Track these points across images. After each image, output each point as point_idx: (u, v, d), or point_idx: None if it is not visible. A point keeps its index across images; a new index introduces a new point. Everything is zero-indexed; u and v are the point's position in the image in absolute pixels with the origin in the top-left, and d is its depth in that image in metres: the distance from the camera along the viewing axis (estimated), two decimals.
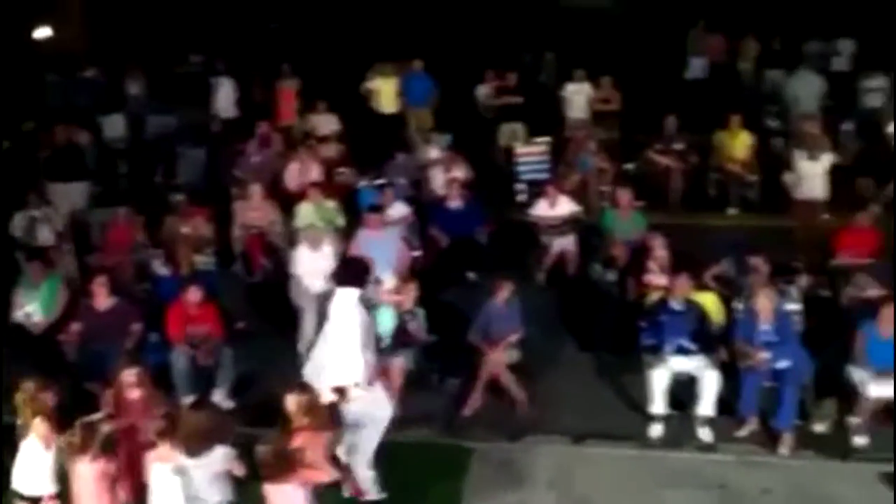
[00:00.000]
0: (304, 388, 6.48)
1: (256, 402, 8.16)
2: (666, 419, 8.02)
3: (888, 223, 10.46)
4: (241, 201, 11.33)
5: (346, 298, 6.98)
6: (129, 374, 7.04)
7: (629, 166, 13.27)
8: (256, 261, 11.02)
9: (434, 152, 12.69)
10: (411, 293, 8.59)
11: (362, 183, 12.05)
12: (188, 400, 8.28)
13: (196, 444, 6.07)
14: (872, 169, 12.03)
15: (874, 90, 14.07)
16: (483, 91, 14.76)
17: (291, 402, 6.31)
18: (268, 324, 9.81)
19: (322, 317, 7.27)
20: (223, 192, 12.42)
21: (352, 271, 7.27)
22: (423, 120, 14.47)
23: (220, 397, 8.46)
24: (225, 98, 14.98)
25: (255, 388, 8.69)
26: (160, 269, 10.04)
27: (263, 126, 13.31)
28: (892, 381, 7.73)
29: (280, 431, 6.25)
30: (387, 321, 8.38)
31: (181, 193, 11.38)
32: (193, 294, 8.63)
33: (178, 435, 6.07)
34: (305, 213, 10.80)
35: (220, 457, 6.09)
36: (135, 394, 7.01)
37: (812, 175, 11.24)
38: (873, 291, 8.86)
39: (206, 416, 6.24)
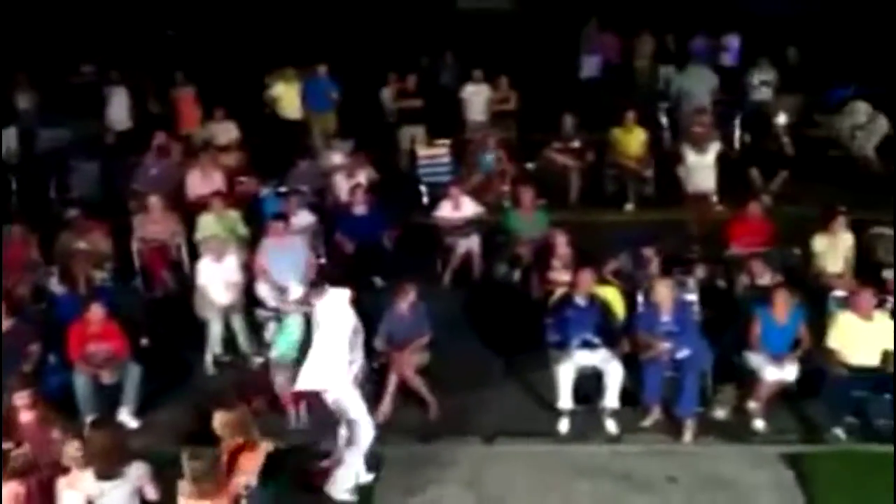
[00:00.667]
0: (232, 404, 6.41)
1: (164, 420, 8.04)
2: (573, 413, 8.18)
3: (778, 213, 10.87)
4: (141, 214, 11.11)
5: (340, 298, 7.11)
6: (22, 397, 6.87)
7: (529, 166, 13.46)
8: (157, 275, 10.82)
9: (337, 158, 12.65)
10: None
11: (265, 191, 11.94)
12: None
13: (105, 465, 5.96)
14: (761, 161, 12.43)
15: (762, 84, 14.54)
16: (386, 94, 14.77)
17: (220, 419, 6.22)
18: (172, 339, 9.65)
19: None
20: (120, 205, 12.17)
21: (341, 271, 7.29)
22: (327, 125, 14.40)
23: (125, 416, 8.30)
24: (119, 109, 14.65)
25: (162, 406, 8.56)
26: (56, 287, 9.78)
27: (161, 136, 13.05)
28: (787, 365, 8.05)
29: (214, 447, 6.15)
30: (294, 331, 8.33)
31: (76, 208, 11.09)
32: (95, 312, 8.45)
33: (85, 458, 5.95)
34: (207, 223, 10.66)
35: (134, 475, 5.99)
36: (28, 416, 6.83)
37: (700, 167, 11.58)
38: (766, 279, 9.16)
39: (109, 435, 6.13)
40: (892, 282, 9.39)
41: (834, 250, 9.68)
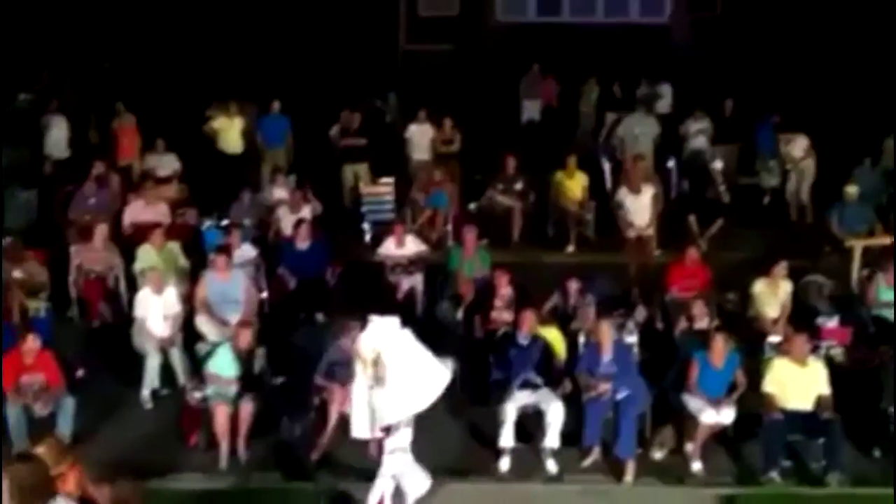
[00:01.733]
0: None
1: (98, 454, 7.85)
2: (514, 452, 8.20)
3: (714, 259, 11.12)
4: (79, 244, 10.94)
5: (392, 327, 7.05)
6: None
7: (472, 206, 13.59)
8: (94, 306, 10.63)
9: (280, 192, 12.62)
10: (247, 334, 8.46)
11: (206, 223, 11.85)
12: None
13: (29, 500, 5.77)
14: (698, 207, 12.72)
15: (699, 132, 14.90)
16: (336, 132, 14.81)
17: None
18: (107, 371, 9.46)
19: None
20: (56, 234, 11.96)
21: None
22: (278, 161, 14.36)
23: None
24: (58, 137, 14.45)
25: (97, 440, 8.37)
26: None
27: (100, 166, 12.90)
28: (724, 408, 8.19)
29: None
30: (227, 363, 8.25)
31: (11, 236, 10.86)
32: (30, 342, 8.26)
33: (9, 492, 5.76)
34: (147, 255, 10.53)
35: None
36: None
37: (637, 209, 11.81)
38: (705, 323, 9.34)
39: (34, 469, 5.93)
40: (825, 328, 9.69)
41: (773, 296, 9.91)
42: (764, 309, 9.86)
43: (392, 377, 6.90)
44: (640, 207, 11.82)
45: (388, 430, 7.06)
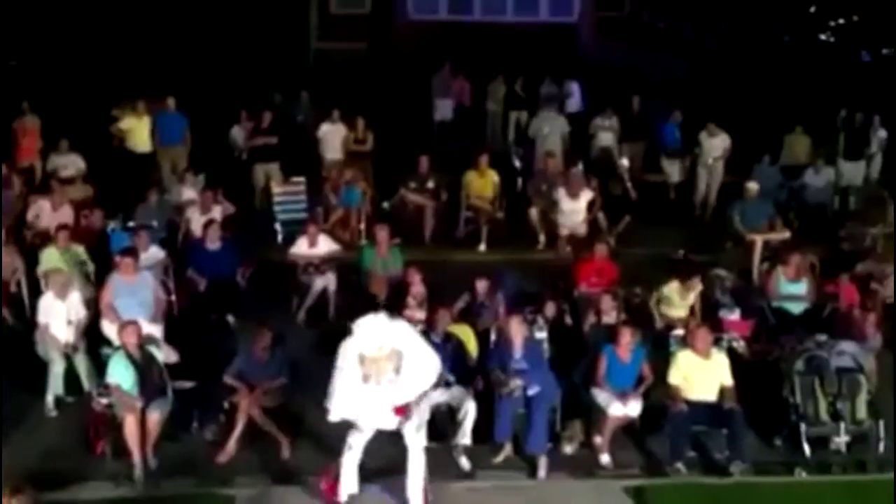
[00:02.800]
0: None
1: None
2: (427, 450, 8.21)
3: (621, 255, 11.35)
4: None
5: (386, 321, 7.16)
6: None
7: (385, 205, 13.60)
8: None
9: (189, 193, 12.43)
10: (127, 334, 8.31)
11: (112, 225, 11.60)
12: None
13: None
14: (606, 204, 12.94)
15: (606, 129, 15.17)
16: (237, 131, 14.63)
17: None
18: (10, 378, 9.18)
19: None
20: None
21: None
22: (177, 160, 14.14)
23: None
24: None
25: None
26: None
27: (2, 167, 12.53)
28: (631, 401, 8.37)
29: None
30: (123, 370, 8.11)
31: None
32: None
33: None
34: (51, 257, 10.28)
35: None
36: None
37: (573, 212, 12.06)
38: (612, 317, 9.52)
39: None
40: (727, 321, 9.96)
41: (684, 297, 10.08)
42: (672, 307, 10.08)
43: (407, 363, 7.13)
44: (575, 210, 12.19)
45: (404, 412, 7.18)
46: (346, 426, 7.54)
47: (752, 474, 8.14)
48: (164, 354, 8.61)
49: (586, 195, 12.49)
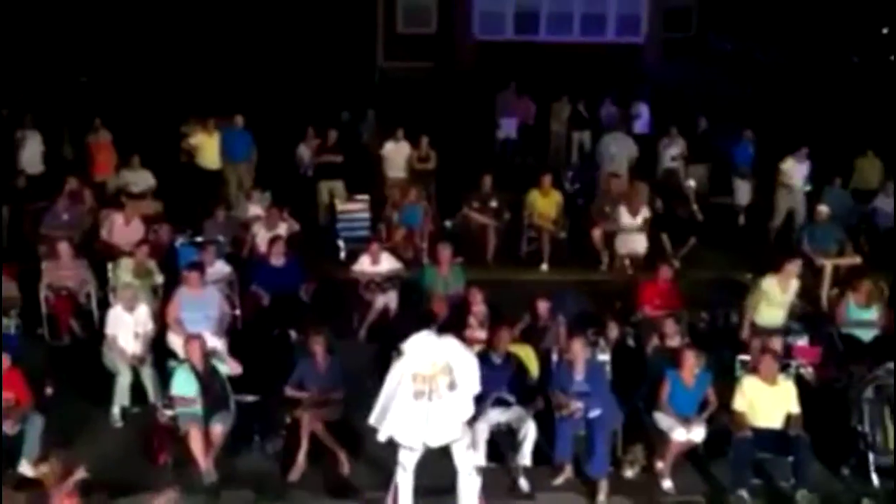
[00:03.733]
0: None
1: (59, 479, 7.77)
2: (486, 470, 8.18)
3: (685, 278, 11.20)
4: (50, 260, 10.86)
5: (457, 343, 7.26)
6: None
7: (447, 223, 13.63)
8: (64, 323, 10.55)
9: (255, 209, 12.60)
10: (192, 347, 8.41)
11: (180, 240, 11.81)
12: None
13: None
14: (671, 226, 12.81)
15: (673, 151, 15.01)
16: (303, 149, 14.81)
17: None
18: (77, 389, 9.39)
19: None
20: (28, 250, 11.89)
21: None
22: (243, 176, 14.35)
23: (25, 468, 8.01)
24: (32, 153, 14.38)
25: (64, 459, 8.25)
26: None
27: (73, 182, 12.84)
28: (695, 426, 8.23)
29: None
30: (187, 382, 8.21)
31: None
32: (1, 360, 8.17)
33: None
34: (122, 271, 10.48)
35: None
36: None
37: (632, 230, 11.95)
38: (676, 341, 9.38)
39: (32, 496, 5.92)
40: (795, 347, 9.76)
41: (785, 289, 9.87)
42: (770, 309, 9.90)
43: (459, 377, 7.22)
44: (634, 227, 12.22)
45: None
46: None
47: (817, 503, 7.94)
48: (229, 368, 8.70)
49: (644, 213, 12.46)
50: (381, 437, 7.28)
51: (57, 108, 16.66)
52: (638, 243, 12.30)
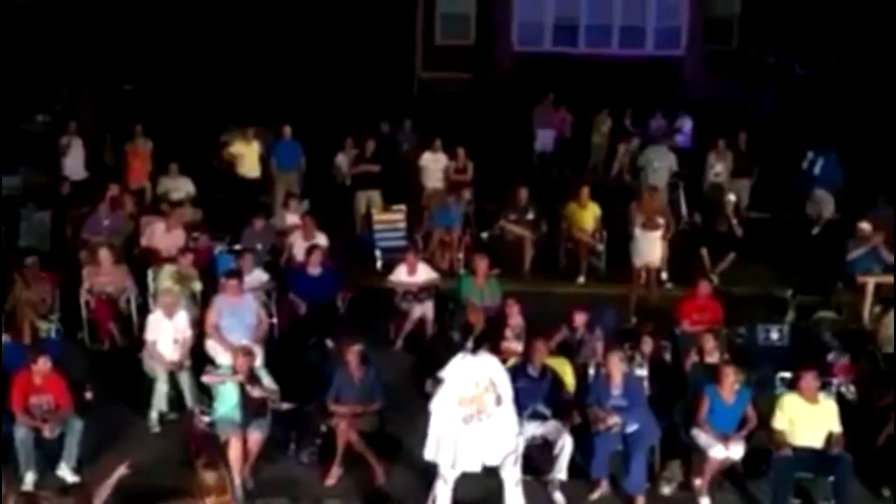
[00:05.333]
0: (216, 464, 6.31)
1: (105, 477, 7.84)
2: (522, 483, 8.14)
3: (725, 292, 11.09)
4: (90, 266, 10.98)
5: (497, 363, 7.34)
6: None
7: (484, 235, 13.61)
8: (104, 328, 10.66)
9: (292, 218, 12.66)
10: (242, 360, 8.43)
11: (218, 248, 11.89)
12: (30, 475, 7.95)
13: None
14: (711, 241, 12.70)
15: (719, 166, 14.87)
16: (342, 158, 14.87)
17: (211, 478, 6.09)
18: (116, 394, 9.47)
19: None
20: (69, 255, 12.03)
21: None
22: (291, 185, 14.44)
23: (65, 472, 8.10)
24: (75, 159, 14.57)
25: (103, 463, 8.35)
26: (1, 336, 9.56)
27: (114, 188, 12.99)
28: (734, 444, 8.13)
29: None
30: (228, 388, 8.26)
31: (32, 256, 10.90)
32: (42, 364, 8.27)
33: None
34: (164, 277, 10.58)
35: None
36: None
37: (647, 241, 11.79)
38: (716, 357, 9.28)
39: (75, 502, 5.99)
40: (836, 365, 9.62)
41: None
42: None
43: (503, 391, 7.31)
44: (650, 240, 11.82)
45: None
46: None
47: None
48: (267, 381, 8.68)
49: (660, 223, 11.92)
50: (429, 456, 7.25)
51: (100, 114, 16.86)
52: (654, 254, 11.88)
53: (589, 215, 13.08)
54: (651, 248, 11.80)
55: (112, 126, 16.20)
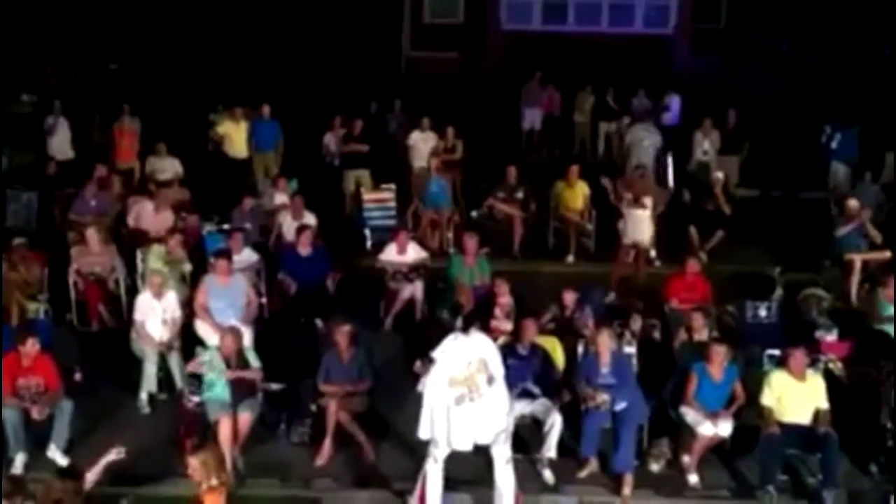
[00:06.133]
0: (205, 446, 6.30)
1: (95, 459, 7.86)
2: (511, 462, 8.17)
3: (711, 271, 11.11)
4: (78, 246, 10.93)
5: (489, 342, 7.30)
6: None
7: (473, 214, 13.60)
8: (93, 309, 10.62)
9: (281, 198, 12.62)
10: (230, 341, 8.42)
11: (207, 228, 11.85)
12: (20, 457, 7.94)
13: None
14: (699, 219, 12.72)
15: (706, 144, 14.87)
16: (330, 138, 14.82)
17: (199, 460, 6.09)
18: (105, 375, 9.46)
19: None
20: (57, 236, 11.97)
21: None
22: (269, 166, 14.40)
23: (54, 453, 8.09)
24: (61, 139, 14.48)
25: (93, 444, 8.34)
26: None
27: (102, 168, 12.92)
28: (722, 421, 8.18)
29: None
30: (216, 368, 8.26)
31: (20, 237, 10.84)
32: (31, 345, 8.23)
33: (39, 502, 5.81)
34: (153, 258, 10.54)
35: None
36: None
37: (637, 219, 11.79)
38: (704, 335, 9.31)
39: (71, 486, 5.98)
40: (824, 342, 9.67)
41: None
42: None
43: (496, 371, 7.25)
44: (640, 219, 11.81)
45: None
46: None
47: (845, 501, 7.90)
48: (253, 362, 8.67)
49: (648, 202, 11.84)
50: (423, 435, 7.32)
51: (86, 94, 16.76)
52: (643, 232, 11.83)
53: (578, 194, 13.07)
54: (640, 226, 11.78)
55: (99, 106, 16.09)
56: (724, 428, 8.21)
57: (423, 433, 7.36)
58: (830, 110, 16.57)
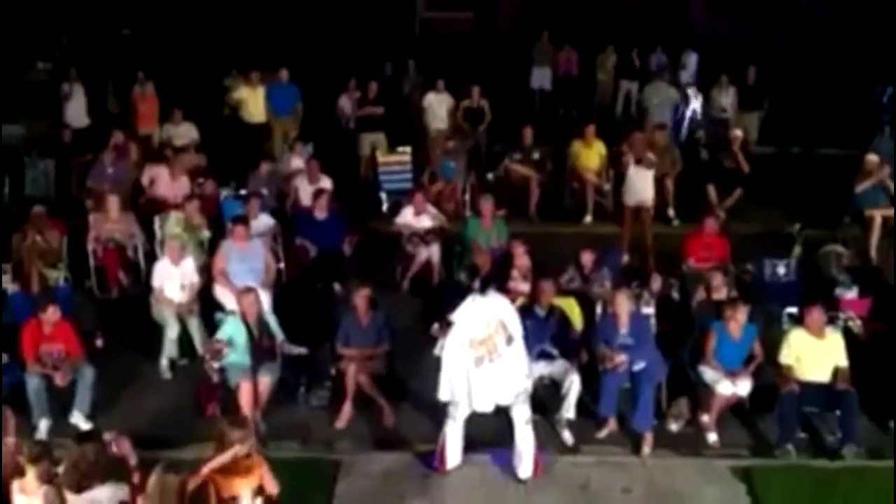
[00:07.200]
0: (244, 422, 6.33)
1: (117, 424, 7.94)
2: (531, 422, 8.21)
3: (732, 229, 11.04)
4: (97, 214, 10.98)
5: (507, 303, 7.36)
6: None
7: (489, 176, 13.55)
8: (113, 276, 10.69)
9: (298, 162, 12.61)
10: (248, 303, 8.44)
11: (224, 193, 11.87)
12: (43, 423, 8.04)
13: (77, 478, 5.85)
14: (718, 177, 12.62)
15: (724, 101, 14.71)
16: (345, 101, 14.75)
17: (237, 435, 6.09)
18: (126, 341, 9.53)
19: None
20: (75, 204, 12.02)
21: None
22: (288, 130, 14.35)
23: (77, 419, 8.19)
24: (77, 107, 14.47)
25: (115, 410, 8.45)
26: (9, 286, 9.60)
27: (119, 135, 12.92)
28: (741, 380, 8.17)
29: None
30: (237, 333, 8.29)
31: (39, 205, 10.89)
32: (52, 312, 8.30)
33: (64, 467, 5.87)
34: (171, 224, 10.57)
35: (106, 496, 5.87)
36: None
37: (639, 179, 11.63)
38: (723, 294, 9.28)
39: (92, 449, 6.03)
40: (844, 299, 9.62)
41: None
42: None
43: (513, 329, 7.30)
44: (642, 178, 11.62)
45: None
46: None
47: (864, 458, 7.89)
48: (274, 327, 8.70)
49: (650, 161, 11.57)
50: (443, 396, 7.38)
51: (101, 61, 16.71)
52: (645, 193, 11.62)
53: (594, 154, 12.97)
54: (644, 185, 11.62)
55: (113, 72, 16.06)
56: (743, 387, 8.21)
57: (443, 395, 7.41)
58: (846, 65, 16.37)
